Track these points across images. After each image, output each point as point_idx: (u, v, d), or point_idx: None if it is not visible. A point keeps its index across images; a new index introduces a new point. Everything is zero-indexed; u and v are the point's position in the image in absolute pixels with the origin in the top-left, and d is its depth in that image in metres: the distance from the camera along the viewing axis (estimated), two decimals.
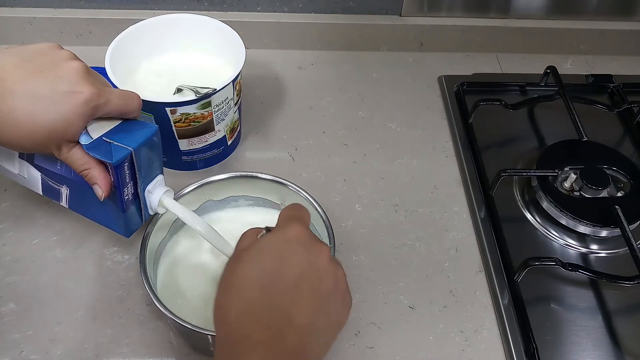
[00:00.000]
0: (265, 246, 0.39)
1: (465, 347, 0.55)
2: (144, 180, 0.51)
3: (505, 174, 0.65)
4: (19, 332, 0.54)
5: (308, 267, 0.39)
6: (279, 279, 0.38)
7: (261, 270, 0.38)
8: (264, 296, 0.37)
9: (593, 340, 0.56)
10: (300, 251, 0.39)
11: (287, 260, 0.38)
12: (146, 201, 0.52)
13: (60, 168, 0.51)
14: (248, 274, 0.38)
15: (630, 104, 0.76)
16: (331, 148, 0.71)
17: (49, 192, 0.54)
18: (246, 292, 0.37)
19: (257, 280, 0.38)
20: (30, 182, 0.54)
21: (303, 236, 0.40)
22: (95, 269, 0.58)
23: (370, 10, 0.82)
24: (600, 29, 0.84)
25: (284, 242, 0.39)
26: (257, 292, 0.37)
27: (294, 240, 0.39)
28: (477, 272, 0.61)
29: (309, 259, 0.39)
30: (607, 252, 0.63)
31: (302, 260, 0.39)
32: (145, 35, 0.66)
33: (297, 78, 0.80)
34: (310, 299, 0.38)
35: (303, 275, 0.38)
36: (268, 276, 0.38)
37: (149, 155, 0.50)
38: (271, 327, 0.36)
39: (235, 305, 0.37)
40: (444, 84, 0.80)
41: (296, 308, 0.37)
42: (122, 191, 0.49)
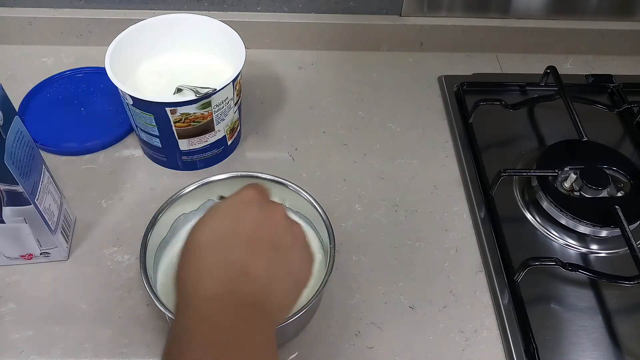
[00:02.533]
0: (220, 208, 0.40)
1: (465, 347, 0.55)
2: None
3: (505, 174, 0.65)
4: (19, 332, 0.54)
5: (262, 223, 0.39)
6: (232, 236, 0.39)
7: (215, 231, 0.39)
8: (218, 254, 0.38)
9: (593, 340, 0.56)
10: (254, 210, 0.40)
11: (240, 218, 0.39)
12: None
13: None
14: (203, 236, 0.39)
15: (630, 104, 0.76)
16: (331, 148, 0.71)
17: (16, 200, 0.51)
18: (202, 252, 0.38)
19: (212, 239, 0.38)
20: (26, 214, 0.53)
21: (257, 197, 0.41)
22: (95, 269, 0.58)
23: (370, 10, 0.82)
24: (600, 29, 0.84)
25: (238, 204, 0.40)
26: (211, 251, 0.38)
27: (248, 201, 0.40)
28: (477, 272, 0.61)
29: (263, 216, 0.40)
30: (607, 252, 0.63)
31: (255, 217, 0.39)
32: (145, 35, 0.66)
33: (297, 78, 0.80)
34: (265, 251, 0.39)
35: (257, 230, 0.39)
36: (222, 235, 0.39)
37: None
38: (224, 280, 0.37)
39: (191, 266, 0.38)
40: (444, 84, 0.80)
41: (251, 261, 0.38)
42: None
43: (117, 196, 0.65)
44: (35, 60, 0.79)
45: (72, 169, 0.67)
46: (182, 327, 0.35)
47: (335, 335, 0.55)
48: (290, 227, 0.41)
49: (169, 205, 0.56)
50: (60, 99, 0.74)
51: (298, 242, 0.41)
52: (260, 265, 0.38)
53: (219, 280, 0.37)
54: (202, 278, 0.37)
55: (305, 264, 0.42)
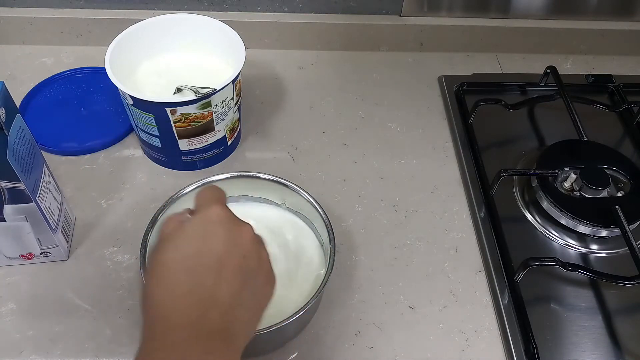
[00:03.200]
0: (188, 230, 0.39)
1: (465, 347, 0.55)
2: None
3: (505, 174, 0.65)
4: (19, 332, 0.54)
5: (231, 246, 0.39)
6: (202, 260, 0.38)
7: (184, 253, 0.38)
8: (187, 278, 0.37)
9: (593, 340, 0.56)
10: (222, 232, 0.39)
11: (209, 241, 0.39)
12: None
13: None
14: (171, 258, 0.38)
15: (630, 104, 0.76)
16: (331, 148, 0.71)
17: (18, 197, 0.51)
18: (170, 276, 0.38)
19: (181, 263, 0.38)
20: (27, 212, 0.53)
21: (224, 217, 0.40)
22: (95, 269, 0.58)
23: (370, 10, 0.82)
24: (600, 29, 0.84)
25: (205, 225, 0.39)
26: (180, 275, 0.37)
27: (216, 222, 0.39)
28: (477, 272, 0.61)
29: (232, 238, 0.39)
30: (607, 252, 0.63)
31: (224, 239, 0.39)
32: (145, 35, 0.66)
33: (297, 78, 0.80)
34: (234, 276, 0.38)
35: (226, 254, 0.38)
36: (191, 258, 0.38)
37: None
38: (195, 308, 0.36)
39: (160, 290, 0.37)
40: (444, 84, 0.80)
41: (220, 287, 0.37)
42: None
43: (117, 196, 0.65)
44: (35, 60, 0.79)
45: (72, 169, 0.67)
46: (149, 354, 0.35)
47: (335, 335, 0.55)
48: (257, 249, 0.41)
49: (169, 205, 0.56)
50: (60, 99, 0.74)
51: (263, 265, 0.41)
52: (228, 291, 0.37)
53: (185, 307, 0.36)
54: (169, 304, 0.37)
55: (268, 287, 0.41)
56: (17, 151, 0.48)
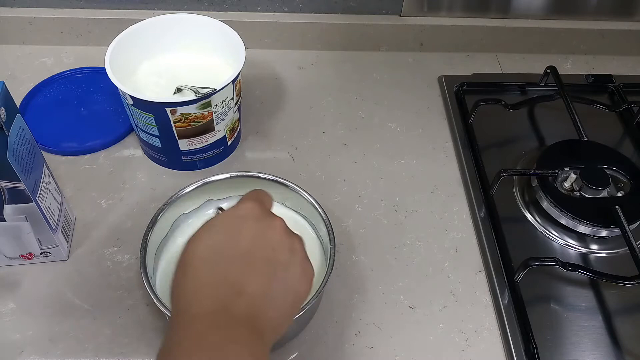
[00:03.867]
0: (217, 223, 0.40)
1: (465, 347, 0.55)
2: None
3: (505, 174, 0.65)
4: (19, 332, 0.54)
5: (259, 238, 0.39)
6: (228, 252, 0.38)
7: (211, 245, 0.38)
8: (213, 270, 0.37)
9: (593, 340, 0.56)
10: (251, 224, 0.39)
11: (237, 234, 0.39)
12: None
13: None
14: (198, 250, 0.38)
15: (630, 104, 0.76)
16: (331, 148, 0.71)
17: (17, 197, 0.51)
18: (196, 268, 0.38)
19: (207, 255, 0.38)
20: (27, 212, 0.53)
21: (255, 211, 0.40)
22: (95, 269, 0.58)
23: (370, 10, 0.82)
24: (600, 29, 0.84)
25: (235, 218, 0.40)
26: (206, 266, 0.38)
27: (245, 216, 0.40)
28: (477, 272, 0.61)
29: (261, 231, 0.39)
30: (607, 252, 0.63)
31: (252, 232, 0.39)
32: (145, 35, 0.66)
33: (297, 78, 0.80)
34: (262, 268, 0.38)
35: (254, 246, 0.38)
36: (217, 250, 0.38)
37: None
38: (219, 298, 0.36)
39: (187, 282, 0.38)
40: (444, 84, 0.80)
41: (247, 278, 0.37)
42: None
43: (117, 196, 0.65)
44: (35, 60, 0.79)
45: (72, 169, 0.67)
46: (172, 343, 0.35)
47: (335, 335, 0.55)
48: (289, 241, 0.40)
49: (169, 205, 0.56)
50: (60, 99, 0.74)
51: (296, 256, 0.40)
52: (255, 283, 0.37)
53: (211, 297, 0.36)
54: (195, 294, 0.37)
55: (304, 278, 0.40)
56: (17, 151, 0.48)
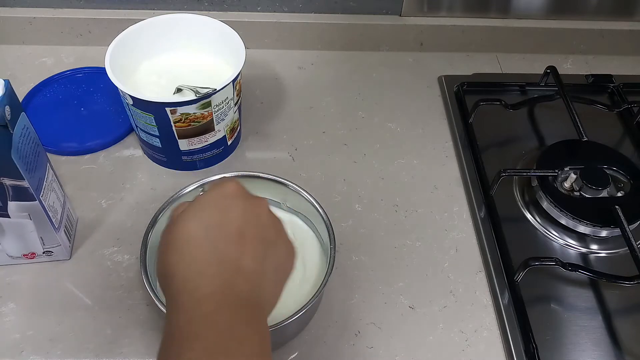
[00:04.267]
0: (205, 202, 0.40)
1: (465, 347, 0.55)
2: None
3: (505, 174, 0.65)
4: (19, 332, 0.54)
5: (249, 217, 0.39)
6: (223, 231, 0.38)
7: (205, 225, 0.38)
8: (210, 249, 0.37)
9: (593, 340, 0.56)
10: (240, 204, 0.40)
11: (228, 213, 0.39)
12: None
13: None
14: (192, 230, 0.38)
15: (630, 104, 0.76)
16: (331, 148, 0.71)
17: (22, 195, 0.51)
18: (192, 247, 0.38)
19: (202, 234, 0.38)
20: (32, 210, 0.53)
21: (240, 191, 0.41)
22: (95, 269, 0.58)
23: (370, 10, 0.82)
24: (600, 29, 0.84)
25: (223, 197, 0.40)
26: (203, 245, 0.38)
27: (232, 194, 0.40)
28: (477, 272, 0.61)
29: (250, 210, 0.40)
30: (607, 252, 0.63)
31: (242, 211, 0.39)
32: (145, 35, 0.66)
33: (297, 78, 0.80)
34: (255, 247, 0.38)
35: (246, 225, 0.39)
36: (212, 229, 0.38)
37: None
38: (221, 276, 0.36)
39: (183, 261, 0.37)
40: (444, 84, 0.80)
41: (243, 256, 0.38)
42: None
43: (117, 196, 0.65)
44: (35, 60, 0.79)
45: (72, 169, 0.67)
46: (178, 328, 0.34)
47: (335, 335, 0.55)
48: (274, 221, 0.41)
49: (169, 205, 0.56)
50: (60, 99, 0.74)
51: (281, 236, 0.41)
52: (251, 260, 0.38)
53: (212, 276, 0.36)
54: (194, 274, 0.36)
55: (289, 256, 0.42)
56: (21, 149, 0.48)
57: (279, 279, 0.40)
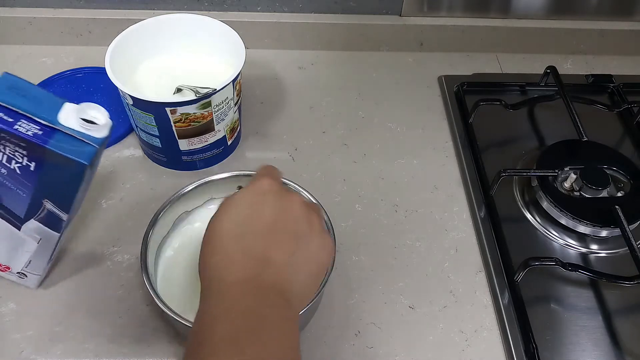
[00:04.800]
0: (238, 199, 0.41)
1: (465, 347, 0.55)
2: (41, 113, 0.45)
3: (505, 174, 0.65)
4: (19, 332, 0.54)
5: (280, 212, 0.41)
6: (253, 225, 0.40)
7: (235, 220, 0.40)
8: (239, 243, 0.39)
9: (593, 340, 0.56)
10: (272, 199, 0.41)
11: (259, 208, 0.40)
12: (71, 127, 0.45)
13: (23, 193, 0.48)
14: (224, 225, 0.40)
15: (630, 104, 0.76)
16: (331, 148, 0.71)
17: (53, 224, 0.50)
18: (223, 242, 0.39)
19: (232, 229, 0.40)
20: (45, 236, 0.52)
21: (273, 187, 0.42)
22: (95, 269, 0.58)
23: (370, 10, 0.82)
24: (600, 29, 0.84)
25: (256, 194, 0.41)
26: (233, 240, 0.39)
27: (264, 190, 0.41)
28: (477, 272, 0.61)
29: (281, 205, 0.41)
30: (607, 252, 0.63)
31: (274, 206, 0.41)
32: (145, 35, 0.66)
33: (297, 78, 0.80)
34: (286, 240, 0.40)
35: (276, 220, 0.40)
36: (242, 224, 0.40)
37: (18, 93, 0.45)
38: (247, 267, 0.38)
39: (214, 255, 0.39)
40: (444, 84, 0.80)
41: (272, 249, 0.39)
42: (16, 129, 0.43)
43: (117, 196, 0.65)
44: (35, 60, 0.79)
45: None
46: (207, 312, 0.36)
47: (335, 335, 0.55)
48: (308, 215, 0.42)
49: (169, 205, 0.56)
50: None
51: (315, 229, 0.42)
52: (282, 254, 0.39)
53: (242, 267, 0.38)
54: (225, 265, 0.38)
55: (323, 251, 0.42)
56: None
57: (311, 272, 0.41)
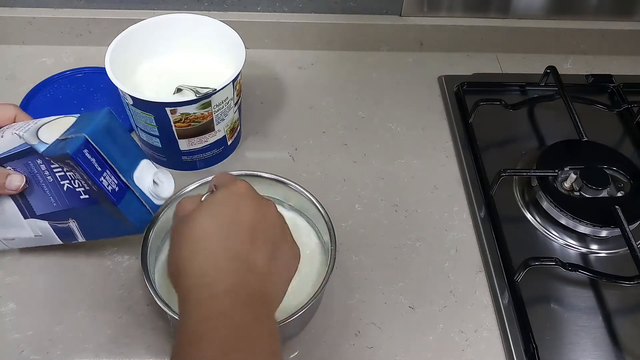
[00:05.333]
0: (217, 200, 0.41)
1: (465, 347, 0.55)
2: (123, 168, 0.47)
3: (505, 174, 0.65)
4: (19, 332, 0.54)
5: (259, 217, 0.41)
6: (236, 228, 0.39)
7: (218, 221, 0.39)
8: (224, 245, 0.38)
9: (593, 340, 0.56)
10: (252, 203, 0.41)
11: (241, 211, 0.40)
12: (141, 189, 0.49)
13: (55, 203, 0.50)
14: (206, 226, 0.39)
15: (630, 104, 0.76)
16: (331, 148, 0.71)
17: (65, 235, 0.53)
18: (206, 243, 0.38)
19: (216, 230, 0.39)
20: (47, 237, 0.54)
21: (250, 191, 0.42)
22: (95, 269, 0.58)
23: (370, 10, 0.82)
24: (600, 29, 0.84)
25: (236, 196, 0.41)
26: (217, 242, 0.38)
27: (244, 194, 0.41)
28: (477, 272, 0.61)
29: (260, 209, 0.41)
30: (607, 252, 0.63)
31: (253, 211, 0.41)
32: (145, 35, 0.66)
33: (297, 78, 0.80)
34: (265, 246, 0.40)
35: (256, 224, 0.40)
36: (226, 226, 0.39)
37: (112, 139, 0.47)
38: (235, 273, 0.37)
39: (197, 257, 0.38)
40: (444, 84, 0.80)
41: (254, 254, 0.39)
42: (100, 181, 0.46)
43: None
44: (35, 60, 0.79)
45: None
46: (195, 322, 0.35)
47: (335, 335, 0.55)
48: (281, 222, 0.42)
49: (169, 205, 0.56)
50: (60, 99, 0.74)
51: (288, 237, 0.43)
52: (262, 258, 0.39)
53: (227, 272, 0.37)
54: (209, 268, 0.37)
55: (294, 260, 0.43)
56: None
57: (285, 279, 0.42)
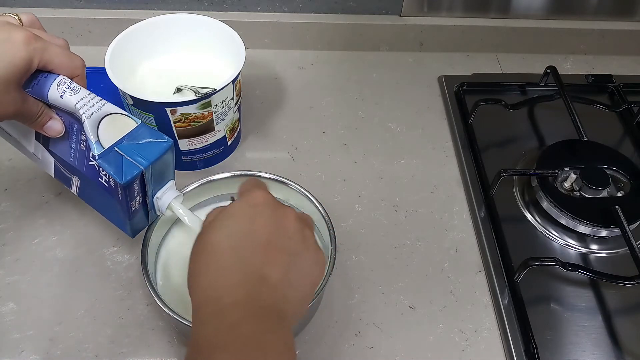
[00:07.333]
0: (233, 212, 0.40)
1: (465, 347, 0.55)
2: (153, 189, 0.51)
3: (505, 174, 0.65)
4: (19, 332, 0.54)
5: (276, 227, 0.40)
6: (248, 240, 0.39)
7: (231, 234, 0.39)
8: (235, 258, 0.38)
9: (593, 340, 0.56)
10: (267, 213, 0.40)
11: (255, 223, 0.39)
12: (154, 205, 0.52)
13: (72, 159, 0.50)
14: (218, 239, 0.39)
15: (630, 104, 0.76)
16: (331, 148, 0.71)
17: (61, 177, 0.54)
18: (218, 256, 0.38)
19: (228, 243, 0.38)
20: (43, 164, 0.54)
21: (268, 200, 0.41)
22: (95, 269, 0.58)
23: (370, 10, 0.82)
24: (600, 29, 0.84)
25: (251, 207, 0.40)
26: (228, 254, 0.38)
27: (260, 204, 0.40)
28: (477, 272, 0.61)
29: (276, 220, 0.40)
30: (607, 252, 0.63)
31: (269, 221, 0.40)
32: (145, 35, 0.66)
33: (297, 78, 0.80)
34: (281, 257, 0.39)
35: (272, 235, 0.39)
36: (238, 238, 0.39)
37: (161, 168, 0.49)
38: (245, 286, 0.37)
39: (208, 270, 0.38)
40: (444, 84, 0.80)
41: (268, 266, 0.38)
42: (130, 204, 0.49)
43: None
44: None
45: None
46: (204, 339, 0.35)
47: (335, 335, 0.55)
48: (302, 229, 0.41)
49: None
50: None
51: (309, 245, 0.41)
52: (277, 271, 0.38)
53: (236, 285, 0.37)
54: (218, 283, 0.37)
55: (316, 267, 0.42)
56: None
57: (304, 289, 0.40)
